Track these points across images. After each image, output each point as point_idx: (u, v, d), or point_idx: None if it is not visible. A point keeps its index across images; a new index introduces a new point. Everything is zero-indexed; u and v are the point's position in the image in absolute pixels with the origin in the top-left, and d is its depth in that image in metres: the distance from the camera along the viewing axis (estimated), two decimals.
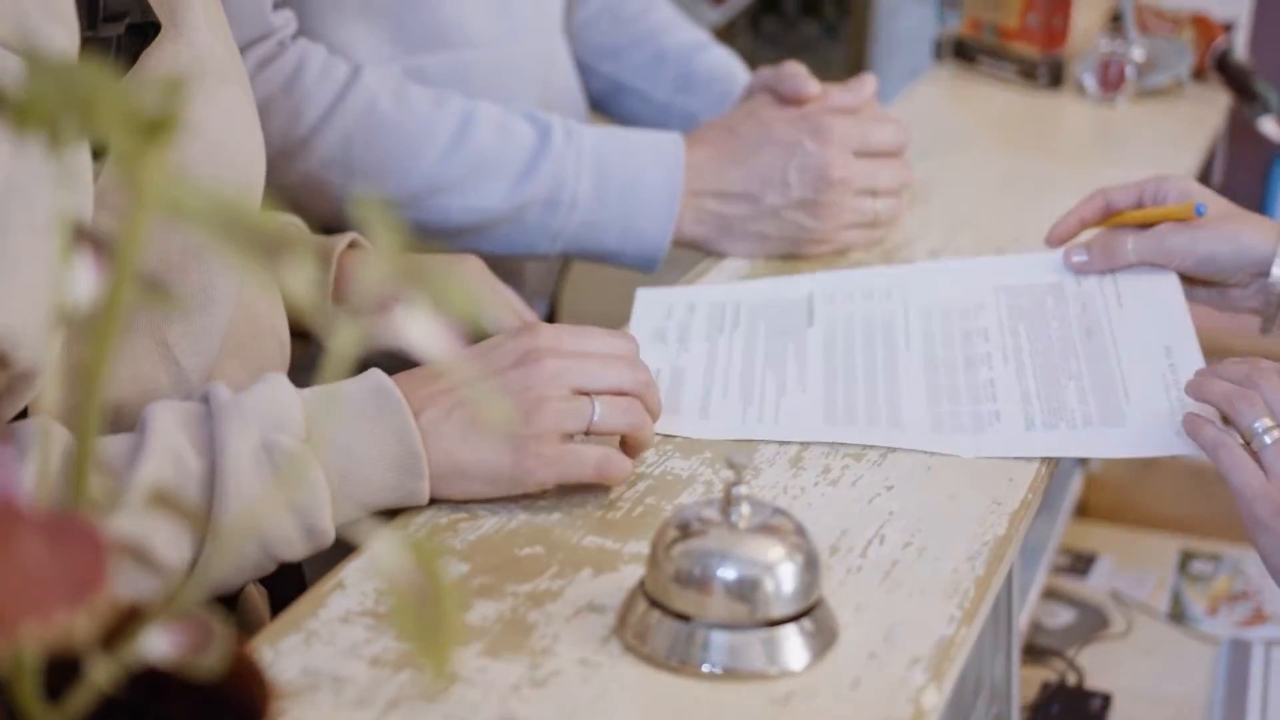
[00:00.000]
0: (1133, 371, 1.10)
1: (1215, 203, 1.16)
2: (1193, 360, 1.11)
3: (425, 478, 0.88)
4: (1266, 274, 1.12)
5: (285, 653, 0.77)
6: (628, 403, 0.93)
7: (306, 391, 0.87)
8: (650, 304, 1.22)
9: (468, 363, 0.95)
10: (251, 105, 0.99)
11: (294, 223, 1.11)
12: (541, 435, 0.89)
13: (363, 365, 0.88)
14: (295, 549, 0.85)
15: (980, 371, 1.12)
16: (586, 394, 0.92)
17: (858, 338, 1.17)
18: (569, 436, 0.91)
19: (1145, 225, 1.19)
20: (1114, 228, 1.21)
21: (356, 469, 0.87)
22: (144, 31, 0.89)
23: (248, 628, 0.92)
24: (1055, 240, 1.24)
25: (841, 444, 1.03)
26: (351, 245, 1.14)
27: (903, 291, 1.22)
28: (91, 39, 0.85)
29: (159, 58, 0.89)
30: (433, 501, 0.91)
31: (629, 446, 0.95)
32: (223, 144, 0.93)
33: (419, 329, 0.46)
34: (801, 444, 1.02)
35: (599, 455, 0.91)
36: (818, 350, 1.15)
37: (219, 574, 0.84)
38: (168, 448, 0.82)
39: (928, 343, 1.16)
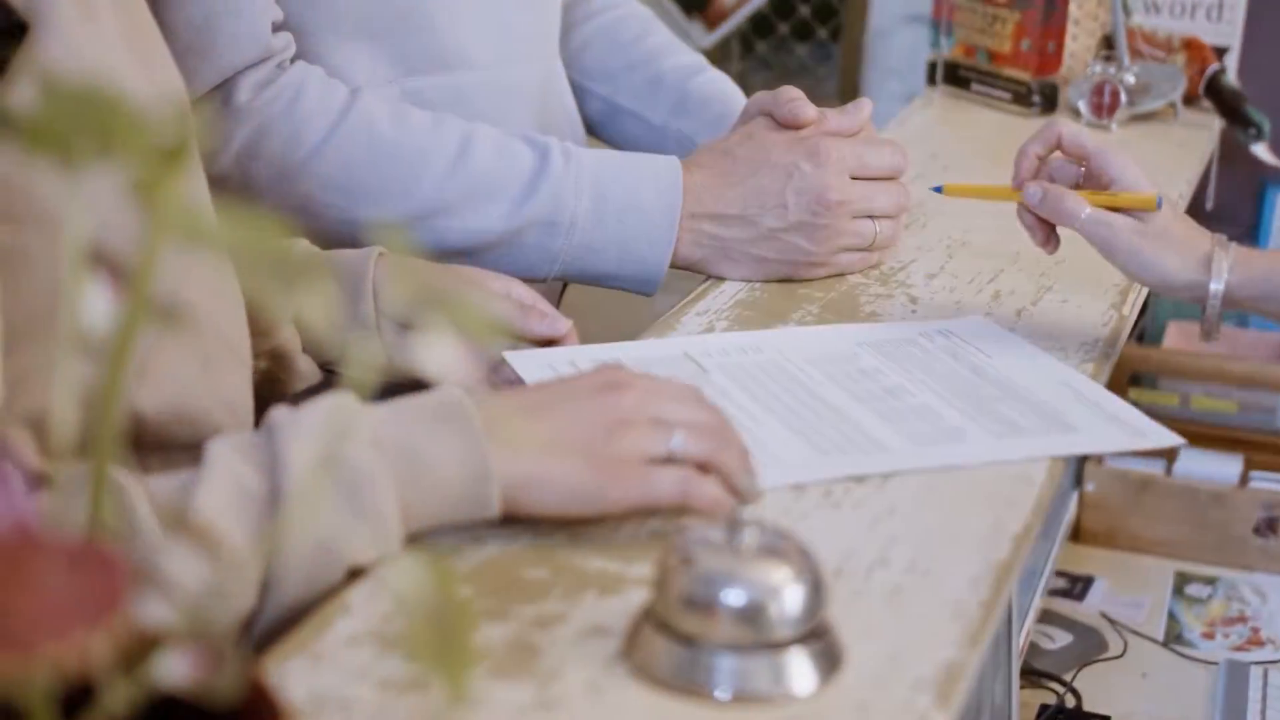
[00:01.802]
0: (1045, 397, 1.09)
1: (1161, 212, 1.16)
2: (1094, 387, 1.10)
3: (495, 484, 0.87)
4: (1204, 300, 1.13)
5: (291, 676, 0.77)
6: (708, 432, 0.92)
7: (373, 406, 0.87)
8: (528, 364, 1.13)
9: (550, 387, 0.94)
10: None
11: (306, 246, 1.11)
12: (623, 455, 0.89)
13: (385, 391, 0.87)
14: (366, 555, 0.84)
15: (906, 398, 1.10)
16: (667, 423, 0.91)
17: (765, 380, 1.13)
18: (650, 463, 0.90)
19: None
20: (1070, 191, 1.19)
21: (424, 476, 0.86)
22: (9, 37, 0.87)
23: None
24: (1020, 180, 1.22)
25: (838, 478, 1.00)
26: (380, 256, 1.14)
27: (773, 347, 1.19)
28: None
29: (30, 61, 0.85)
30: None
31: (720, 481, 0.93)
32: None
33: (440, 354, 0.46)
34: None
35: (681, 475, 0.90)
36: (736, 391, 1.11)
37: (293, 589, 0.83)
38: (227, 473, 0.82)
39: (834, 380, 1.13)
